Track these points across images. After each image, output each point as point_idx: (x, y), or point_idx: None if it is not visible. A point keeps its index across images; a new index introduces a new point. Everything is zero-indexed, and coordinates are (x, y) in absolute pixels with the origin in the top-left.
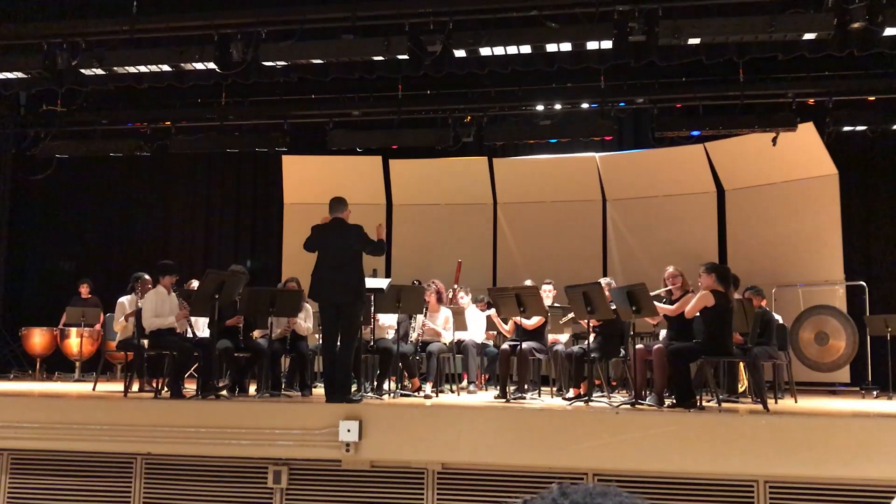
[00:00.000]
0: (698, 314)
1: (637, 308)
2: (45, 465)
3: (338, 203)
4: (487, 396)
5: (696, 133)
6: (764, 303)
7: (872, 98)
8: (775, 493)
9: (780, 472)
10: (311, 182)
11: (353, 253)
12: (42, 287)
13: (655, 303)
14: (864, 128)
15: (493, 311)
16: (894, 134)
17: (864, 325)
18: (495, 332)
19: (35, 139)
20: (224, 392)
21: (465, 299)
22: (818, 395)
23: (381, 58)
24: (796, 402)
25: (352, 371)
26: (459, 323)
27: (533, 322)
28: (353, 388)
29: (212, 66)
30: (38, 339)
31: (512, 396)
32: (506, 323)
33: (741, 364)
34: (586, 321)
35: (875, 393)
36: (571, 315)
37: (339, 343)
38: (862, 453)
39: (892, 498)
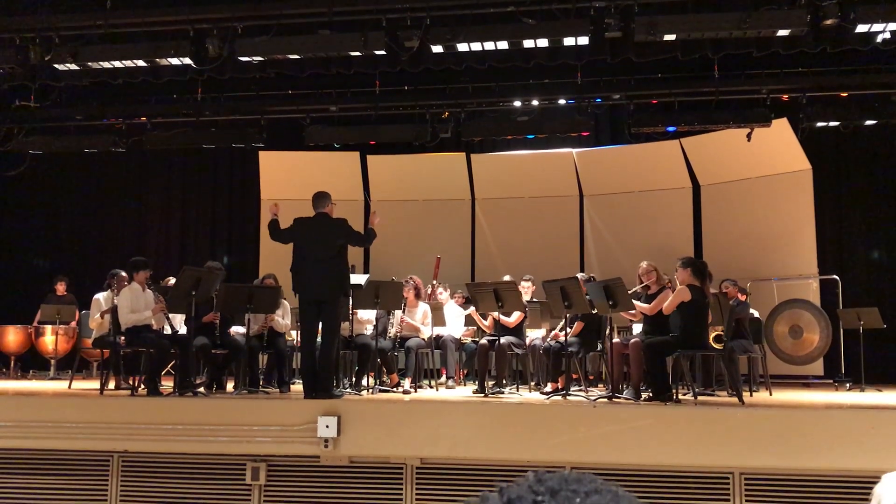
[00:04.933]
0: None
1: (614, 303)
2: (20, 464)
3: (321, 197)
4: (466, 391)
5: (671, 129)
6: (735, 292)
7: (845, 94)
8: (750, 484)
9: (755, 464)
10: (288, 178)
11: (337, 248)
12: (16, 284)
13: (634, 301)
14: (837, 123)
15: (473, 310)
16: (867, 129)
17: (838, 318)
18: (475, 328)
19: (8, 135)
20: (201, 389)
21: (443, 295)
22: (792, 387)
23: (358, 53)
24: (771, 394)
25: (334, 367)
26: (438, 318)
27: (513, 319)
28: None
29: (187, 61)
30: (12, 336)
31: (490, 391)
32: (485, 318)
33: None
34: (564, 316)
35: (848, 385)
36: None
37: (318, 339)
38: (835, 445)
39: (870, 489)
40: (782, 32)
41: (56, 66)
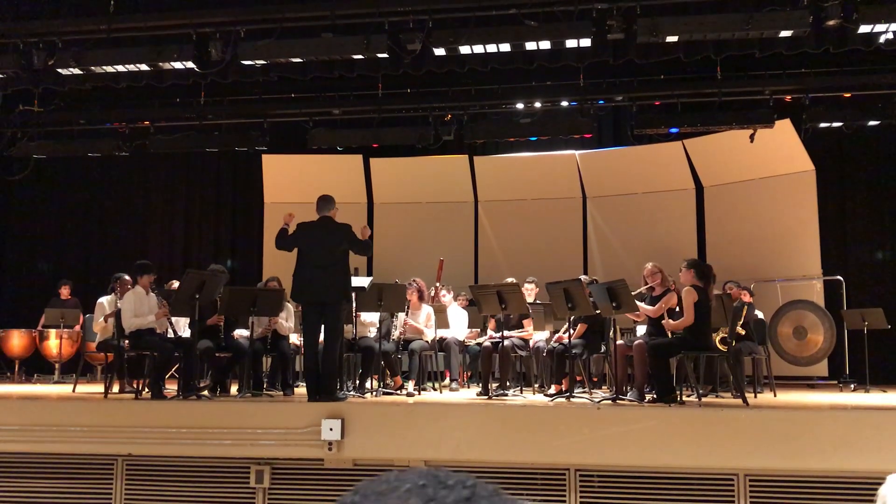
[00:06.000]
0: (677, 309)
1: (617, 304)
2: (24, 468)
3: (325, 202)
4: (470, 394)
5: (674, 130)
6: (738, 293)
7: (848, 95)
8: (755, 486)
9: (759, 466)
10: (291, 181)
11: (340, 252)
12: (20, 288)
13: (638, 303)
14: (840, 124)
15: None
16: (870, 130)
17: (842, 319)
18: (478, 330)
19: (12, 139)
20: (205, 392)
21: (447, 297)
22: (797, 388)
23: (360, 56)
24: (775, 396)
25: (337, 370)
26: (441, 321)
27: (529, 330)
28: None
29: (190, 65)
30: (16, 340)
31: (494, 393)
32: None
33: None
34: (568, 318)
35: (852, 386)
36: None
37: (321, 343)
38: (840, 446)
39: (875, 490)
40: (785, 33)
41: (59, 70)
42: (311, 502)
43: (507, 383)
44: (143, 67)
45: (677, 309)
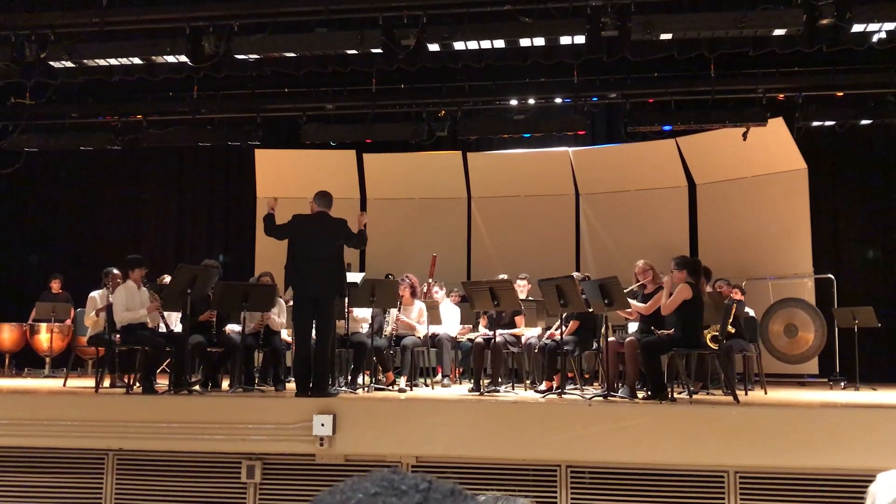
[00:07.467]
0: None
1: (609, 301)
2: (15, 462)
3: (325, 198)
4: (461, 390)
5: (667, 128)
6: (729, 291)
7: (841, 93)
8: (745, 483)
9: (749, 463)
10: (284, 176)
11: (336, 247)
12: (11, 282)
13: (630, 300)
14: (832, 123)
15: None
16: (862, 129)
17: (833, 317)
18: (470, 326)
19: (3, 132)
20: (197, 387)
21: (439, 293)
22: (787, 386)
23: (354, 51)
24: (766, 393)
25: (329, 365)
26: (434, 317)
27: (522, 328)
28: None
29: (183, 59)
30: (7, 334)
31: (486, 390)
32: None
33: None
34: (560, 315)
35: (843, 384)
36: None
37: (313, 338)
38: (830, 444)
39: (865, 488)
40: (778, 32)
41: (52, 63)
42: (303, 497)
43: (499, 380)
44: (136, 61)
45: None
